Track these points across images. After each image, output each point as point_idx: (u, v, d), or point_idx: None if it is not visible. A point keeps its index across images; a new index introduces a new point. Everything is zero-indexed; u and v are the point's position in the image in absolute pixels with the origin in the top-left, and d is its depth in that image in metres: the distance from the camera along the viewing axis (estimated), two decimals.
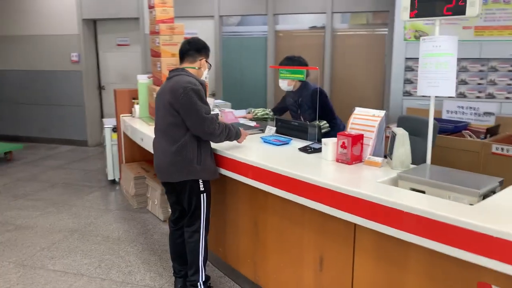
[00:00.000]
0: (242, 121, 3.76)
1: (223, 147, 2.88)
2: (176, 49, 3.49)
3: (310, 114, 3.50)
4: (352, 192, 2.03)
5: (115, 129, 5.26)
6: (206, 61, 2.96)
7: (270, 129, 3.31)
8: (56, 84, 7.63)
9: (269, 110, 3.75)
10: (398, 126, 3.73)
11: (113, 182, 5.47)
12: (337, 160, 2.53)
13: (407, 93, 4.99)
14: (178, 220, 2.93)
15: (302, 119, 3.58)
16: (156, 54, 4.70)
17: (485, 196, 1.97)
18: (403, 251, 1.98)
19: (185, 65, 2.89)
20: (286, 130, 3.29)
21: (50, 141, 7.85)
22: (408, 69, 4.94)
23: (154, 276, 3.22)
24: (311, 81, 3.61)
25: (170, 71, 2.92)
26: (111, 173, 5.42)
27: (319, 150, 2.69)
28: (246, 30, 6.64)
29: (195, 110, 2.62)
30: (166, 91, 2.72)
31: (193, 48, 2.89)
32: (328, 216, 2.17)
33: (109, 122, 5.43)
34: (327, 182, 2.14)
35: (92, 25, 7.47)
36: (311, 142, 2.93)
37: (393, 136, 2.43)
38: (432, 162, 3.96)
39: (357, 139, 2.47)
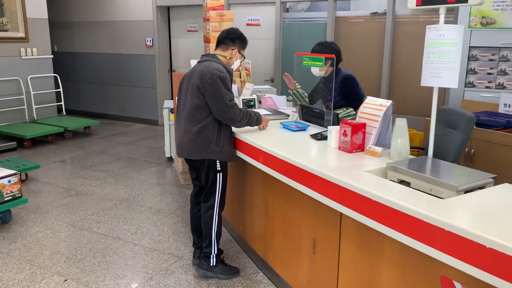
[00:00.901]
0: (282, 110, 3.83)
1: (242, 131, 3.03)
2: None
3: (339, 100, 3.50)
4: (328, 176, 2.08)
5: (172, 110, 5.64)
6: (239, 52, 3.10)
7: (293, 115, 3.38)
8: (133, 67, 8.28)
9: (306, 95, 3.78)
10: (437, 118, 3.60)
11: (170, 159, 5.89)
12: (339, 148, 2.56)
13: (470, 84, 4.72)
14: (197, 195, 3.15)
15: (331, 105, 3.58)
16: (207, 40, 4.95)
17: (468, 191, 1.91)
18: (380, 240, 2.00)
19: (217, 52, 3.07)
20: (309, 116, 3.34)
21: (127, 119, 8.57)
22: (473, 58, 4.65)
23: (180, 246, 3.50)
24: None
25: (202, 56, 3.12)
26: (168, 151, 5.83)
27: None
28: (307, 16, 6.62)
29: (219, 96, 2.79)
30: (195, 74, 2.90)
31: (228, 38, 3.05)
32: (319, 202, 2.24)
33: (168, 104, 5.83)
34: (312, 167, 2.20)
35: (166, 11, 7.94)
36: (326, 129, 2.96)
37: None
38: (473, 157, 3.78)
39: (358, 128, 2.47)
